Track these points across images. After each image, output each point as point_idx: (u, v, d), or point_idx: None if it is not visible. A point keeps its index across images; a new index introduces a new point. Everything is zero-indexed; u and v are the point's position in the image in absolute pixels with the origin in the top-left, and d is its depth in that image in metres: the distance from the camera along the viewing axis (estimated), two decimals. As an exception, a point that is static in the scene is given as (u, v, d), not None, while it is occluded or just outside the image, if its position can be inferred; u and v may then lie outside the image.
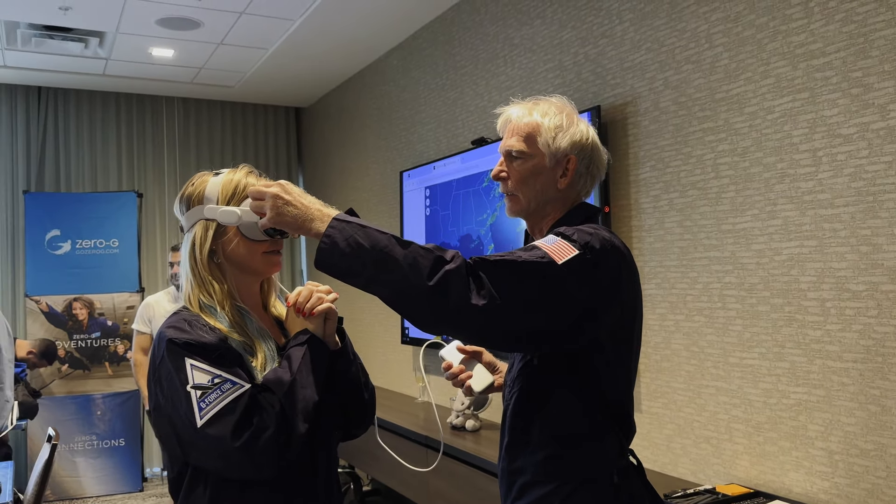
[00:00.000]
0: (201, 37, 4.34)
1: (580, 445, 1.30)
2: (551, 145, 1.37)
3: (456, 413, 3.35)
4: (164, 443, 1.25)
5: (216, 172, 1.34)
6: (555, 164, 1.38)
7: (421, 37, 4.27)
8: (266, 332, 1.30)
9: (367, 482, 4.67)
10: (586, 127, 1.42)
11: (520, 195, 1.40)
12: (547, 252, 1.21)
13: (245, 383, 1.18)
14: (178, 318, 1.25)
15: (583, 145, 1.39)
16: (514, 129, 1.40)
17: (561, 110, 1.41)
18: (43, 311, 4.92)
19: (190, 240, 1.31)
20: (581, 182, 1.41)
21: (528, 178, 1.38)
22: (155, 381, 1.22)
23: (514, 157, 1.39)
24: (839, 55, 2.03)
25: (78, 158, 5.46)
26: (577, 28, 3.03)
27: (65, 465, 4.79)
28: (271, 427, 1.15)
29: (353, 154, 5.21)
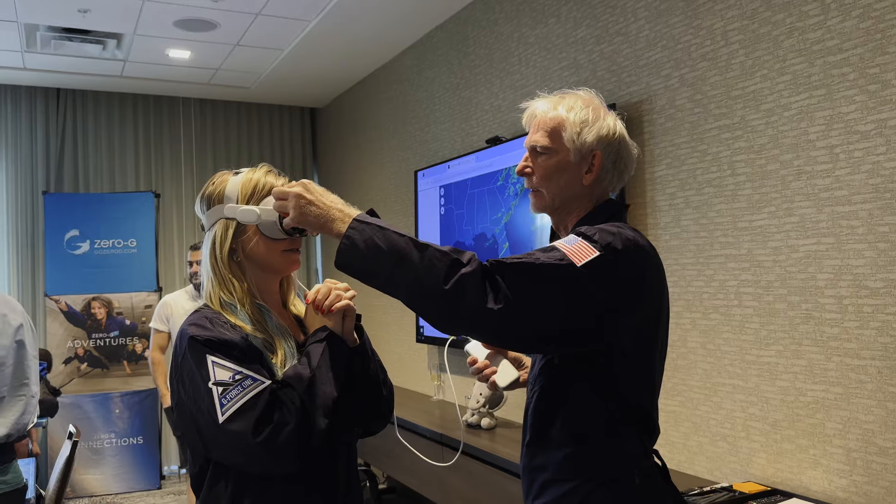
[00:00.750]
0: (218, 38, 4.38)
1: (600, 444, 1.28)
2: (576, 140, 1.34)
3: (471, 411, 3.36)
4: (186, 439, 1.27)
5: (236, 172, 1.36)
6: (580, 160, 1.35)
7: (435, 36, 4.29)
8: (285, 330, 1.32)
9: (382, 480, 4.69)
10: (614, 121, 1.38)
11: (544, 191, 1.38)
12: (566, 253, 1.20)
13: (265, 380, 1.19)
14: (199, 315, 1.27)
15: (609, 140, 1.36)
16: (539, 124, 1.38)
17: (587, 104, 1.37)
18: (62, 311, 4.98)
19: (210, 238, 1.33)
20: (608, 178, 1.38)
21: (553, 175, 1.36)
22: (177, 377, 1.24)
23: (539, 152, 1.37)
24: (856, 51, 2.02)
25: (96, 159, 5.53)
26: (592, 26, 3.03)
27: (84, 462, 4.85)
28: (292, 422, 1.16)
29: (367, 154, 5.24)
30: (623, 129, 1.39)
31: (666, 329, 1.38)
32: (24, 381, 2.34)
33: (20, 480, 2.33)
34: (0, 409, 2.27)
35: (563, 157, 1.35)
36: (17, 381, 2.32)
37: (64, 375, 4.93)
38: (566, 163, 1.35)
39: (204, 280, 1.34)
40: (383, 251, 1.17)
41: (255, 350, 1.24)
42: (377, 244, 1.18)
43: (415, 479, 3.50)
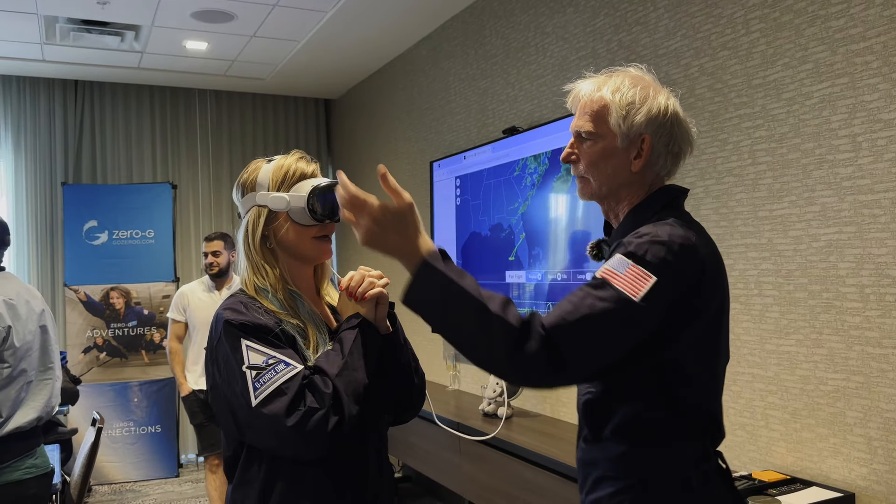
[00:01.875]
0: (234, 29, 4.40)
1: (658, 444, 1.23)
2: (623, 124, 1.25)
3: (487, 400, 3.37)
4: (220, 422, 1.29)
5: (269, 159, 1.37)
6: (628, 145, 1.26)
7: (451, 27, 4.29)
8: (318, 316, 1.33)
9: (398, 469, 4.72)
10: (665, 100, 1.28)
11: (590, 178, 1.30)
12: (620, 289, 1.13)
13: (298, 365, 1.21)
14: (235, 300, 1.29)
15: (660, 122, 1.26)
16: (584, 107, 1.30)
17: (636, 83, 1.28)
18: (81, 301, 5.04)
19: (244, 225, 1.35)
20: (660, 162, 1.28)
21: (599, 161, 1.28)
22: (212, 361, 1.26)
23: (584, 138, 1.29)
24: (880, 39, 2.01)
25: (114, 151, 5.57)
26: (611, 15, 3.02)
27: (103, 450, 4.91)
28: (323, 408, 1.17)
29: (382, 144, 5.25)
30: (676, 106, 1.29)
31: (727, 330, 1.32)
32: (49, 366, 2.38)
33: (48, 464, 2.37)
34: (29, 393, 2.31)
35: (610, 143, 1.27)
36: (43, 365, 2.37)
37: (83, 365, 4.99)
38: (613, 148, 1.27)
39: (240, 266, 1.36)
40: (450, 310, 1.13)
41: (288, 335, 1.26)
42: (445, 301, 1.13)
43: (431, 468, 3.53)
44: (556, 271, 3.21)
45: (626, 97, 1.26)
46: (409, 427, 3.66)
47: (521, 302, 3.44)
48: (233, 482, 1.30)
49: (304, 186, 1.32)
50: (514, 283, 3.50)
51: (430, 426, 3.45)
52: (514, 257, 3.51)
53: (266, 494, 1.25)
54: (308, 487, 1.25)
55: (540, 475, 2.69)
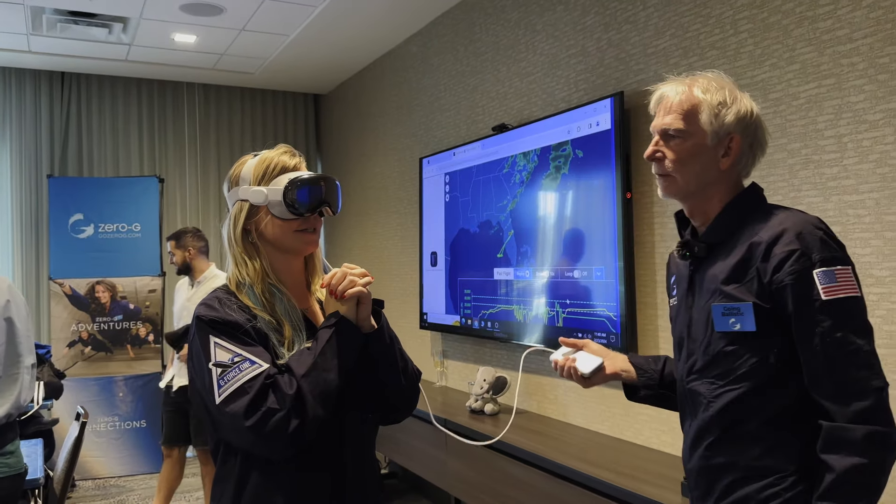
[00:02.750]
0: (223, 23, 4.38)
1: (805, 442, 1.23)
2: (714, 123, 1.31)
3: (475, 397, 3.38)
4: (199, 415, 1.29)
5: (256, 154, 1.37)
6: (717, 143, 1.32)
7: (441, 23, 4.28)
8: (296, 313, 1.32)
9: (384, 465, 4.72)
10: (749, 102, 1.35)
11: (677, 176, 1.34)
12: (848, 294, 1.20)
13: (263, 363, 1.20)
14: (212, 296, 1.30)
15: (747, 123, 1.33)
16: (672, 107, 1.34)
17: (722, 86, 1.34)
18: (66, 294, 5.00)
19: (228, 220, 1.35)
20: (743, 161, 1.35)
21: (687, 159, 1.32)
22: (189, 356, 1.28)
23: (672, 135, 1.33)
24: (866, 41, 2.03)
25: (100, 143, 5.53)
26: (601, 13, 3.03)
27: (87, 445, 4.88)
28: (283, 409, 1.16)
29: (371, 140, 5.24)
30: (757, 110, 1.36)
31: None
32: (16, 360, 2.29)
33: (21, 465, 2.31)
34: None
35: (699, 141, 1.32)
36: (10, 359, 2.28)
37: (67, 359, 4.95)
38: (702, 146, 1.32)
39: (228, 260, 1.37)
40: None
41: (261, 332, 1.25)
42: None
43: (417, 464, 3.53)
44: (544, 268, 3.22)
45: (717, 97, 1.31)
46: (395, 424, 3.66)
47: (509, 299, 3.44)
48: (216, 475, 1.31)
49: (281, 180, 1.31)
50: (501, 280, 3.51)
51: (417, 422, 3.45)
52: (502, 254, 3.51)
53: (240, 489, 1.25)
54: (281, 483, 1.25)
55: (526, 471, 2.70)
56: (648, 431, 2.75)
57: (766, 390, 1.25)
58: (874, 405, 1.16)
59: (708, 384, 1.32)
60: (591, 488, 2.39)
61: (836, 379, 1.19)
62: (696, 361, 1.36)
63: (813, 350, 1.20)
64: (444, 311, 3.98)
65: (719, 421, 1.29)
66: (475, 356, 3.88)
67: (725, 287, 1.29)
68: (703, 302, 1.34)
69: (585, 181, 2.96)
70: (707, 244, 1.36)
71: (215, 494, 1.29)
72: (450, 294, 3.93)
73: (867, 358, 1.19)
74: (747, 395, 1.26)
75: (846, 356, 1.18)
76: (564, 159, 3.09)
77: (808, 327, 1.20)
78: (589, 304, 2.94)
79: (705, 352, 1.33)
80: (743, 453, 1.27)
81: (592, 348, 1.55)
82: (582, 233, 2.99)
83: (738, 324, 1.27)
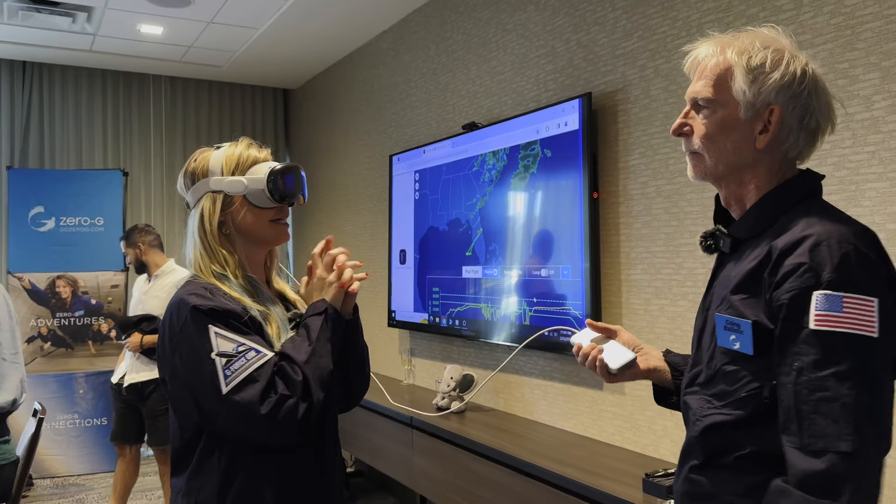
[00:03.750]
0: (191, 14, 4.31)
1: None
2: (747, 92, 1.07)
3: (441, 395, 3.38)
4: (177, 409, 1.27)
5: (217, 146, 1.37)
6: (753, 116, 1.08)
7: (413, 20, 4.27)
8: (276, 301, 1.35)
9: (350, 463, 4.70)
10: (805, 66, 1.08)
11: (705, 154, 1.12)
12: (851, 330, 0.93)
13: (268, 352, 1.21)
14: (197, 285, 1.27)
15: (794, 91, 1.06)
16: (703, 71, 1.12)
17: (766, 45, 1.09)
18: (26, 289, 4.89)
19: (198, 213, 1.33)
20: (790, 139, 1.08)
21: (716, 134, 1.10)
22: (172, 347, 1.23)
23: (701, 105, 1.12)
24: (826, 46, 2.08)
25: (63, 135, 5.41)
26: (570, 15, 3.05)
27: (46, 443, 4.78)
28: (295, 395, 1.18)
29: (341, 137, 5.21)
30: (817, 74, 1.09)
31: None
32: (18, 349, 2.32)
33: (14, 454, 2.31)
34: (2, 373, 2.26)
35: (731, 112, 1.09)
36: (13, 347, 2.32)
37: (26, 355, 4.83)
38: (734, 119, 1.08)
39: (189, 252, 1.34)
40: None
41: (255, 321, 1.26)
42: None
43: (383, 462, 3.52)
44: (512, 267, 3.23)
45: (756, 60, 1.07)
46: (361, 421, 3.65)
47: (477, 297, 3.45)
48: (185, 471, 1.27)
49: (261, 169, 1.32)
50: (470, 279, 3.51)
51: (383, 420, 3.44)
52: (471, 252, 3.52)
53: (227, 484, 1.23)
54: (271, 475, 1.25)
55: (492, 469, 2.71)
56: (612, 428, 2.78)
57: (757, 424, 1.04)
58: (827, 472, 0.91)
59: (703, 401, 1.12)
60: (555, 485, 2.41)
61: (800, 428, 0.95)
62: (700, 373, 1.16)
63: (785, 386, 0.98)
64: (412, 308, 3.98)
65: (703, 445, 1.11)
66: (443, 354, 3.89)
67: (733, 296, 1.08)
68: (714, 308, 1.14)
69: (554, 181, 2.98)
70: (733, 238, 1.14)
71: (192, 489, 1.25)
72: (418, 292, 3.93)
73: (845, 412, 0.92)
74: (737, 424, 1.06)
75: (817, 402, 0.94)
76: (533, 159, 3.10)
77: (787, 358, 0.98)
78: (556, 303, 2.96)
79: (709, 365, 1.13)
80: (725, 485, 1.07)
81: (623, 338, 1.32)
82: (550, 232, 3.01)
83: (738, 342, 1.06)
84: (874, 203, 1.96)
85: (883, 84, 1.94)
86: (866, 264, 0.97)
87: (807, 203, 1.08)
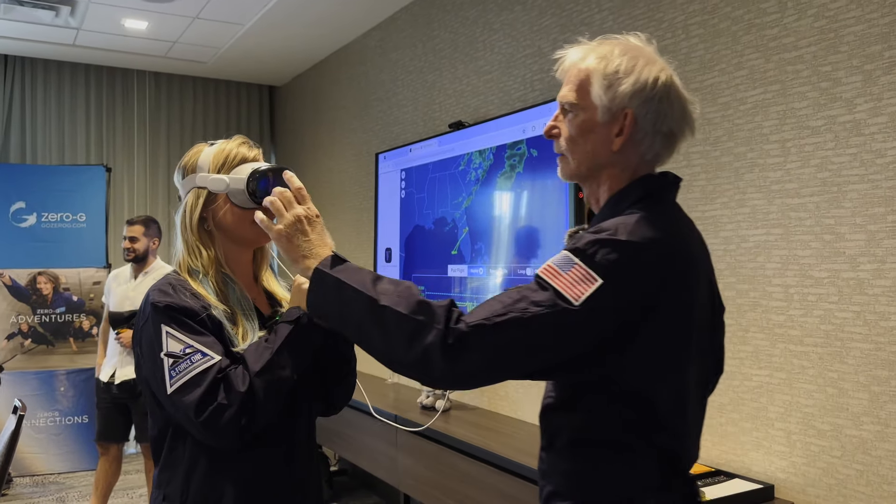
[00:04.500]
0: (176, 10, 4.28)
1: (607, 465, 1.10)
2: (603, 96, 1.11)
3: (426, 393, 3.38)
4: (146, 400, 1.29)
5: (212, 143, 1.37)
6: (609, 120, 1.12)
7: (400, 18, 4.27)
8: (248, 302, 1.32)
9: (334, 462, 4.69)
10: (659, 72, 1.12)
11: (569, 156, 1.17)
12: (560, 289, 1.01)
13: (216, 356, 1.19)
14: (164, 281, 1.28)
15: (647, 96, 1.10)
16: (569, 77, 1.17)
17: (625, 52, 1.13)
18: (6, 285, 4.83)
19: (182, 207, 1.34)
20: (646, 142, 1.13)
21: (577, 136, 1.15)
22: (136, 340, 1.26)
23: (566, 110, 1.17)
24: (810, 49, 2.10)
25: (45, 130, 5.35)
26: (557, 15, 3.06)
27: (26, 441, 4.73)
28: (234, 405, 1.16)
29: (327, 134, 5.19)
30: (672, 80, 1.14)
31: (706, 336, 1.16)
32: None
33: None
34: None
35: (591, 116, 1.13)
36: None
37: (6, 352, 4.78)
38: (593, 122, 1.13)
39: (177, 247, 1.35)
40: (342, 315, 1.10)
41: (215, 321, 1.25)
42: (335, 305, 1.10)
43: (367, 461, 3.52)
44: (498, 266, 3.24)
45: (612, 66, 1.12)
46: (345, 420, 3.64)
47: (463, 296, 3.45)
48: (159, 463, 1.29)
49: (244, 169, 1.31)
50: (456, 277, 3.52)
51: (367, 419, 3.43)
52: (456, 251, 3.52)
53: (190, 474, 1.25)
54: (230, 469, 1.25)
55: (476, 467, 2.71)
56: (596, 427, 2.79)
57: (569, 409, 1.13)
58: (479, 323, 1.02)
59: (549, 384, 1.20)
60: (538, 483, 2.41)
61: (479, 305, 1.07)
62: None
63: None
64: (397, 307, 3.97)
65: (541, 426, 1.20)
66: (427, 352, 3.88)
67: None
68: None
69: (540, 180, 2.99)
70: None
71: (161, 481, 1.28)
72: (403, 290, 3.92)
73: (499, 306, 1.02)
74: (556, 407, 1.15)
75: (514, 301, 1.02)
76: (519, 158, 3.11)
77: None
78: (540, 302, 2.96)
79: None
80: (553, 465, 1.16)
81: None
82: (535, 231, 3.02)
83: None
84: (855, 205, 1.98)
85: (865, 87, 1.96)
86: (626, 255, 1.02)
87: (641, 205, 1.11)
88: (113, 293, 3.80)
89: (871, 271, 1.95)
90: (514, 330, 1.00)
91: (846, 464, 1.99)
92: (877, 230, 1.93)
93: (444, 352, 1.00)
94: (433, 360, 1.01)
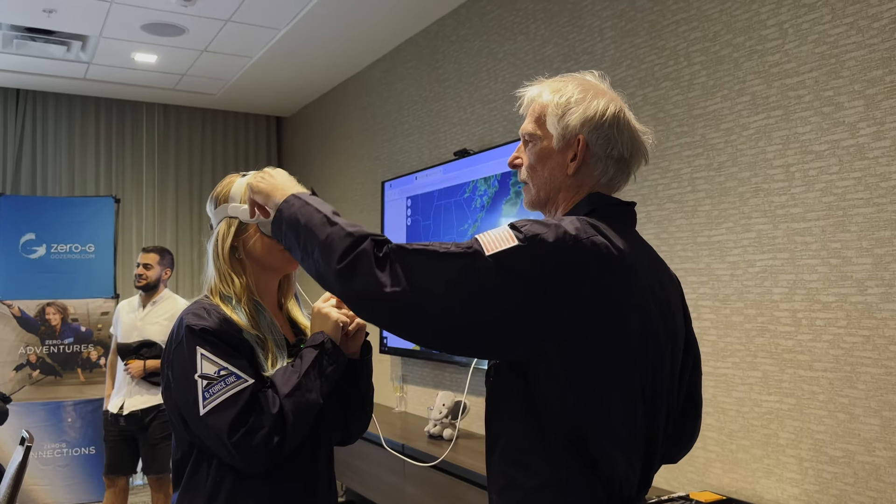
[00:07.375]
0: (185, 43, 4.35)
1: (536, 486, 1.08)
2: (557, 125, 1.19)
3: (433, 422, 3.36)
4: (172, 422, 1.30)
5: (244, 174, 1.41)
6: (564, 147, 1.19)
7: (405, 49, 4.32)
8: (277, 329, 1.36)
9: (342, 493, 4.64)
10: (608, 103, 1.20)
11: (530, 183, 1.25)
12: (480, 240, 1.06)
13: (249, 378, 1.22)
14: (198, 305, 1.31)
15: (597, 123, 1.18)
16: (529, 111, 1.26)
17: (579, 85, 1.22)
18: (15, 316, 4.85)
19: (214, 236, 1.39)
20: (599, 167, 1.19)
21: (536, 163, 1.22)
22: (168, 362, 1.28)
23: (527, 140, 1.24)
24: (812, 75, 2.11)
25: (55, 162, 5.41)
26: (560, 44, 3.09)
27: (33, 472, 4.70)
28: (266, 427, 1.19)
29: (334, 164, 5.24)
30: (620, 112, 1.21)
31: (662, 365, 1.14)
32: None
33: None
34: None
35: (547, 144, 1.21)
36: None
37: (14, 383, 4.78)
38: (549, 149, 1.21)
39: (208, 273, 1.39)
40: (301, 226, 1.14)
41: (247, 345, 1.28)
42: (297, 219, 1.15)
43: (374, 492, 3.48)
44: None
45: (564, 97, 1.20)
46: (352, 449, 3.61)
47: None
48: (180, 486, 1.30)
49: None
50: (461, 305, 3.51)
51: (375, 448, 3.41)
52: (462, 278, 3.52)
53: (213, 498, 1.26)
54: (254, 495, 1.26)
55: (484, 497, 2.68)
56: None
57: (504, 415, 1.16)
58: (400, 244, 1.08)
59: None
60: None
61: None
62: None
63: None
64: (404, 335, 3.96)
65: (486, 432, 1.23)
66: (435, 381, 3.87)
67: None
68: None
69: (545, 206, 3.00)
70: None
71: (183, 503, 1.28)
72: (410, 318, 3.92)
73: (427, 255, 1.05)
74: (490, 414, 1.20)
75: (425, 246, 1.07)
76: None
77: None
78: (547, 329, 2.95)
79: None
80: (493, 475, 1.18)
81: None
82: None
83: None
84: (861, 228, 1.98)
85: (867, 111, 1.97)
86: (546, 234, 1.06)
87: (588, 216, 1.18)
88: (121, 323, 3.81)
89: (879, 295, 1.94)
90: (430, 258, 1.04)
91: (859, 490, 1.96)
92: (883, 254, 1.93)
93: (371, 264, 1.04)
94: (358, 269, 1.05)
